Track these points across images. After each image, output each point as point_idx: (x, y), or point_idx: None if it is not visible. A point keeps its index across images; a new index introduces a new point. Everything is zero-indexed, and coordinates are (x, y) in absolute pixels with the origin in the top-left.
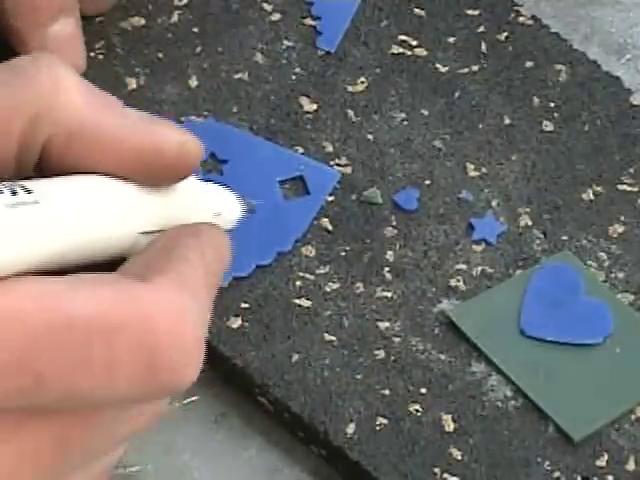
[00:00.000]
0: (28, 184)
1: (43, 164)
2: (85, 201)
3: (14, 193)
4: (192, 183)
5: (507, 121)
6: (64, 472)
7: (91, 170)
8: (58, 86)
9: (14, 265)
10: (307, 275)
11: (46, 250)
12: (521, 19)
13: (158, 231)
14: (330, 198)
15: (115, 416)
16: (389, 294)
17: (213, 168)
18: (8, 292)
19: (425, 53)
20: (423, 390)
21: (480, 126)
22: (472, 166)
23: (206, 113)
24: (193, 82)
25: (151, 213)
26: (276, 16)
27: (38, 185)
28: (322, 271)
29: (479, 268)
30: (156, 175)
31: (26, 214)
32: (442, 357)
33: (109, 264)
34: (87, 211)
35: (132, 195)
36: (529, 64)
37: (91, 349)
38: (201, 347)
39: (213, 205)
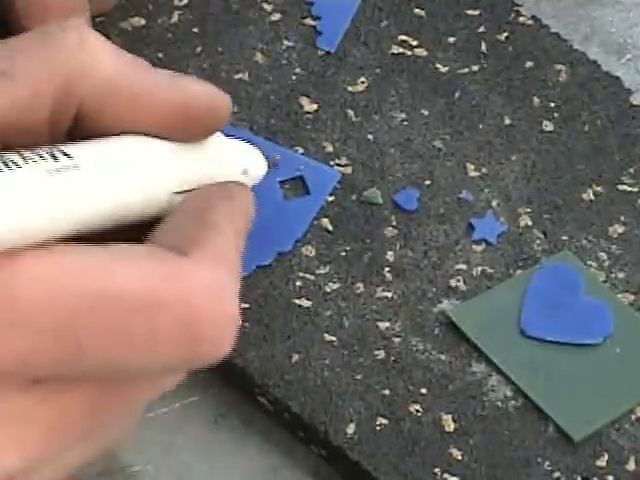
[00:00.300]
0: (67, 148)
1: (75, 128)
2: (123, 164)
3: (55, 158)
4: (221, 140)
5: (507, 121)
6: (98, 436)
7: (124, 130)
8: (87, 48)
9: (56, 231)
10: (307, 275)
11: (86, 214)
12: (521, 19)
13: (190, 190)
14: (330, 198)
15: (147, 381)
16: (389, 294)
17: None
18: (54, 260)
19: (425, 53)
20: (423, 390)
21: (480, 126)
22: (472, 166)
23: None
24: None
25: (185, 172)
26: (276, 16)
27: (77, 149)
28: (322, 271)
29: (479, 268)
30: (188, 129)
31: (68, 180)
32: (442, 357)
33: (139, 225)
34: (126, 174)
35: (167, 155)
36: (529, 64)
37: (133, 322)
38: (237, 320)
39: (241, 162)
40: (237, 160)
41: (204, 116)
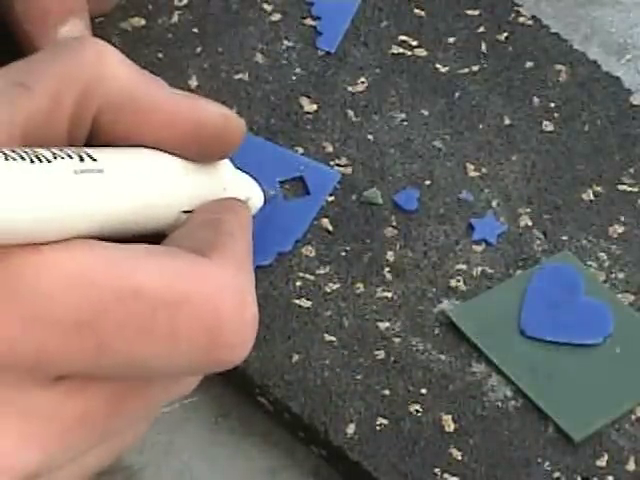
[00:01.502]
0: (92, 152)
1: (91, 139)
2: (142, 174)
3: (81, 159)
4: (228, 167)
5: (507, 121)
6: (114, 436)
7: (139, 142)
8: (104, 61)
9: (76, 228)
10: (307, 275)
11: (105, 216)
12: (521, 19)
13: (191, 211)
14: (330, 198)
15: (165, 383)
16: (389, 294)
17: None
18: (78, 255)
19: (425, 53)
20: (423, 390)
21: (480, 126)
22: (472, 166)
23: None
24: (193, 82)
25: (194, 192)
26: (276, 16)
27: (101, 154)
28: (322, 271)
29: (479, 268)
30: (201, 148)
31: (92, 181)
32: (442, 357)
33: (143, 239)
34: (144, 184)
35: (181, 172)
36: (529, 64)
37: (155, 320)
38: (256, 324)
39: (244, 191)
40: (241, 189)
41: (218, 137)
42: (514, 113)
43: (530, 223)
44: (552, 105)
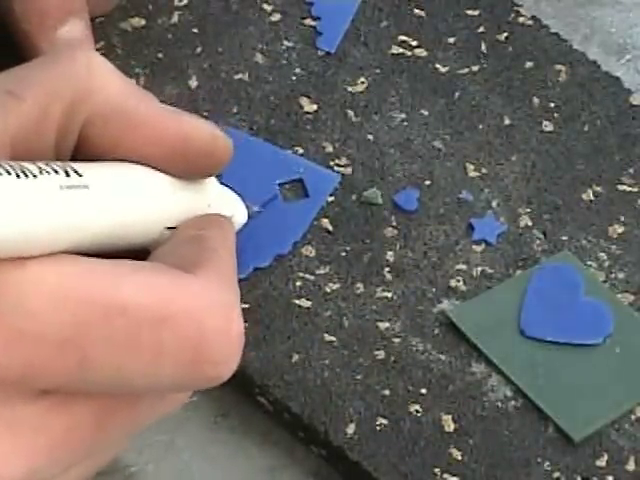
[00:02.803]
0: (78, 167)
1: (78, 151)
2: (128, 190)
3: (67, 174)
4: (213, 184)
5: (507, 121)
6: (98, 451)
7: (126, 156)
8: (94, 71)
9: (59, 243)
10: (307, 275)
11: (88, 232)
12: (521, 19)
13: (175, 227)
14: (330, 198)
15: (152, 400)
16: (389, 294)
17: None
18: (63, 270)
19: (425, 53)
20: (423, 390)
21: (480, 126)
22: (472, 166)
23: (206, 113)
24: (193, 82)
25: (179, 209)
26: (276, 16)
27: (87, 169)
28: (322, 271)
29: (479, 268)
30: (187, 166)
31: (77, 197)
32: (442, 357)
33: (128, 254)
34: (129, 201)
35: (167, 188)
36: (529, 64)
37: (139, 336)
38: (242, 340)
39: (228, 209)
40: (225, 206)
41: (205, 156)
42: (514, 113)
43: (530, 223)
44: (552, 105)
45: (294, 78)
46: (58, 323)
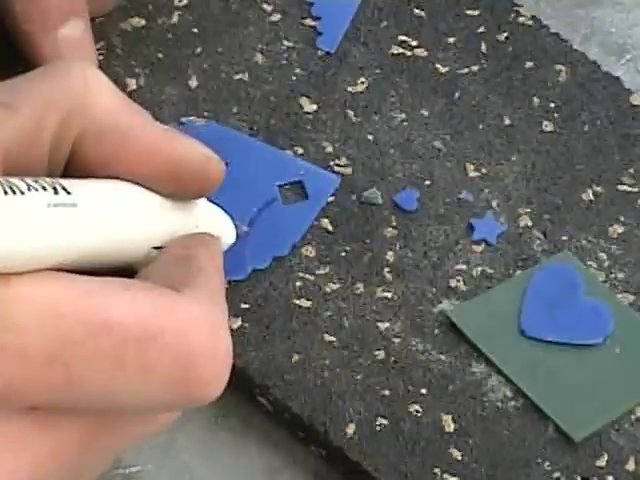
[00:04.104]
0: (67, 184)
1: (69, 165)
2: (117, 209)
3: (56, 192)
4: (203, 203)
5: (507, 121)
6: (83, 471)
7: (117, 173)
8: (90, 85)
9: (45, 261)
10: (307, 275)
11: (74, 251)
12: (521, 19)
13: (162, 247)
14: (330, 198)
15: (138, 419)
16: (389, 294)
17: None
18: (49, 287)
19: (425, 53)
20: (423, 390)
21: (480, 126)
22: (472, 166)
23: (206, 114)
24: (193, 82)
25: (167, 229)
26: (276, 16)
27: (76, 186)
28: (322, 271)
29: (479, 268)
30: (177, 186)
31: (65, 215)
32: (442, 357)
33: (112, 273)
34: (117, 219)
35: (156, 208)
36: (529, 64)
37: (125, 354)
38: (230, 361)
39: (217, 229)
40: (213, 226)
41: (196, 178)
42: (514, 113)
43: (530, 223)
44: (552, 105)
45: (294, 78)
46: (44, 339)
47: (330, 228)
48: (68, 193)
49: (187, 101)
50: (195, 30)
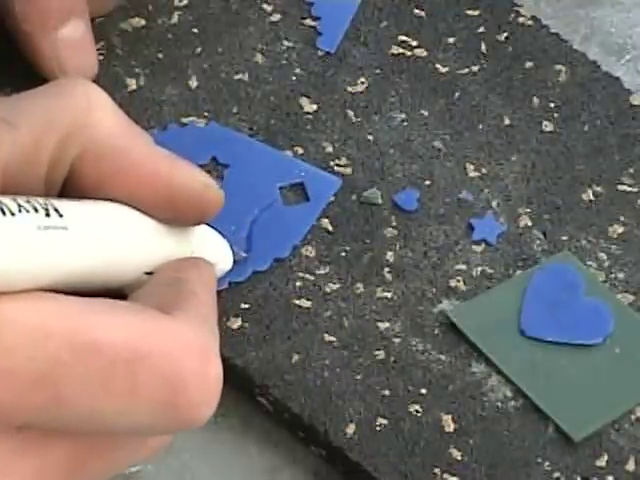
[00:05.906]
0: (60, 206)
1: (67, 184)
2: (109, 233)
3: (47, 214)
4: (200, 229)
5: (507, 121)
6: None
7: (114, 196)
8: (92, 105)
9: (36, 283)
10: (307, 275)
11: (63, 273)
12: (521, 19)
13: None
14: (330, 198)
15: (129, 444)
16: (389, 294)
17: (214, 172)
18: (38, 308)
19: (425, 53)
20: (423, 390)
21: (480, 126)
22: (472, 166)
23: (206, 114)
24: (193, 83)
25: (160, 254)
26: (276, 16)
27: (69, 208)
28: (322, 272)
29: (479, 268)
30: (174, 213)
31: (55, 238)
32: (442, 357)
33: (104, 294)
34: (108, 244)
35: (149, 234)
36: (529, 64)
37: (114, 375)
38: (220, 385)
39: (214, 254)
40: (210, 252)
41: (194, 205)
42: (514, 113)
43: (530, 223)
44: (552, 105)
45: (294, 78)
46: (32, 359)
47: (330, 228)
48: (60, 215)
49: (187, 101)
50: (195, 30)
